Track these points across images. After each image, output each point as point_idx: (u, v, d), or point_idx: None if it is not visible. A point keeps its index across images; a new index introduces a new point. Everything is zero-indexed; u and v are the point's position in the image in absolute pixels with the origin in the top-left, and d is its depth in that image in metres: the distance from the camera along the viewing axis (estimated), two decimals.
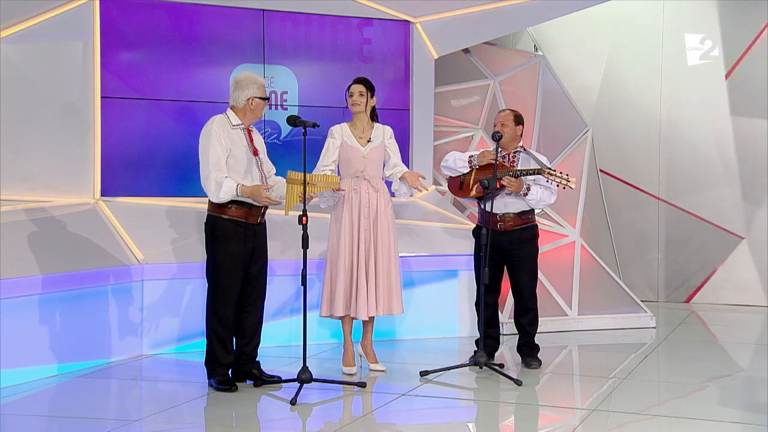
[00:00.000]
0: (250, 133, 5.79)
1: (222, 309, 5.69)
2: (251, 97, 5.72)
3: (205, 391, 5.65)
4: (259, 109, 5.77)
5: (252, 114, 5.77)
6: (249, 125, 5.80)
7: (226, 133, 5.65)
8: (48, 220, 6.50)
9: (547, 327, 7.53)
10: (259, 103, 5.75)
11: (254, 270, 5.77)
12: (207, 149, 5.61)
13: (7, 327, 5.66)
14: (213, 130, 5.62)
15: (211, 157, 5.58)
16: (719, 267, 9.61)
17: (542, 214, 8.20)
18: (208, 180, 5.58)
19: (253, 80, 5.78)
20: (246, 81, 5.76)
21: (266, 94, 5.84)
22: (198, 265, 6.77)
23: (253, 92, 5.73)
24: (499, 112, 6.50)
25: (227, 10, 7.53)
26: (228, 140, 5.64)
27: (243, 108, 5.74)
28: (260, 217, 5.75)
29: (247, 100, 5.72)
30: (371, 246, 6.11)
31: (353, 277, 6.08)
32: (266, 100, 5.81)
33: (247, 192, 5.57)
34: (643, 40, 9.83)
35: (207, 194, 5.65)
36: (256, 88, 5.75)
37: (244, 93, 5.73)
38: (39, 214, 6.52)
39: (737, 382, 6.34)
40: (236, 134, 5.71)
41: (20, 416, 5.15)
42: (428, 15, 8.26)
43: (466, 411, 5.64)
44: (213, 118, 5.74)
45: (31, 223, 6.37)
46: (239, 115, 5.75)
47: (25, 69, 6.71)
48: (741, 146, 9.50)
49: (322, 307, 6.18)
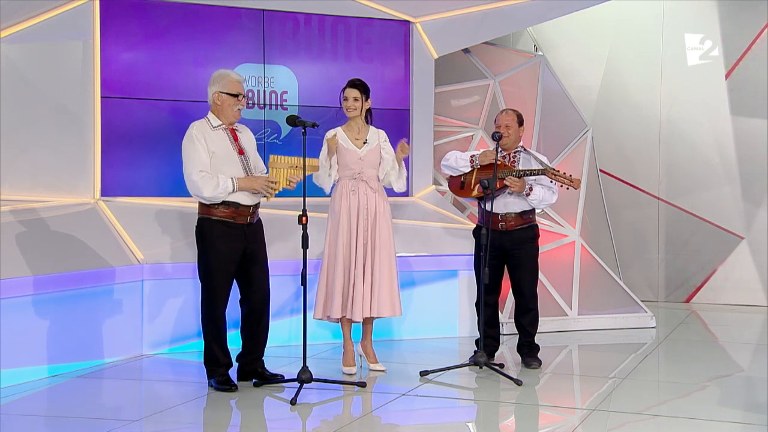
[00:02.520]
0: (234, 133, 5.69)
1: (215, 310, 5.67)
2: (216, 92, 5.60)
3: (204, 392, 5.65)
4: (227, 105, 5.59)
5: (222, 111, 5.61)
6: (230, 124, 5.68)
7: (206, 136, 5.57)
8: (48, 220, 6.50)
9: (547, 327, 7.53)
10: (226, 99, 5.58)
11: (255, 271, 5.74)
12: (189, 153, 5.54)
13: (6, 327, 5.66)
14: (193, 135, 5.55)
15: (196, 159, 5.50)
16: (719, 267, 9.62)
17: (542, 214, 8.20)
18: (195, 182, 5.49)
19: (223, 75, 5.65)
20: (216, 77, 5.65)
21: (238, 90, 5.63)
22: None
23: (219, 87, 5.60)
24: (501, 113, 6.49)
25: (227, 10, 7.53)
26: (209, 143, 5.56)
27: (214, 106, 5.64)
28: (249, 217, 5.67)
29: (213, 95, 5.61)
30: (369, 247, 6.10)
31: (350, 278, 6.07)
32: (235, 96, 5.61)
33: (244, 183, 5.53)
34: (643, 40, 9.83)
35: (193, 196, 5.60)
36: (223, 84, 5.60)
37: (212, 89, 5.63)
38: (39, 214, 6.52)
39: (737, 382, 6.34)
40: (217, 135, 5.62)
41: (20, 416, 5.15)
42: (428, 15, 8.26)
43: (466, 411, 5.64)
44: (192, 124, 5.65)
45: (31, 223, 6.37)
46: (216, 115, 5.65)
47: (25, 69, 6.72)
48: (741, 146, 9.50)
49: (316, 310, 6.14)
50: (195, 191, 5.55)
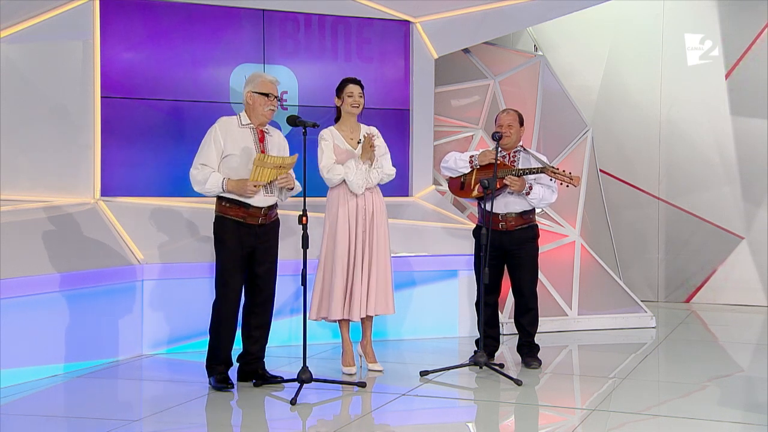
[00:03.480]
0: (261, 133, 5.73)
1: (223, 308, 5.69)
2: (249, 92, 5.68)
3: (205, 391, 5.65)
4: (258, 104, 5.66)
5: (254, 111, 5.69)
6: (259, 125, 5.72)
7: (228, 132, 5.63)
8: (48, 220, 6.50)
9: (547, 327, 7.53)
10: (258, 99, 5.66)
11: (260, 271, 5.74)
12: (202, 145, 5.66)
13: (7, 327, 5.66)
14: (214, 129, 5.67)
15: (202, 153, 5.62)
16: (719, 267, 9.62)
17: (542, 214, 8.20)
18: (191, 174, 5.62)
19: (257, 76, 5.76)
20: (250, 77, 5.76)
21: (269, 90, 5.69)
22: (198, 265, 6.78)
23: (252, 87, 5.69)
24: (502, 112, 6.48)
25: (227, 10, 7.53)
26: (228, 139, 5.62)
27: (246, 105, 5.72)
28: (261, 218, 5.69)
29: (246, 94, 5.70)
30: (368, 247, 6.09)
31: (349, 278, 6.07)
32: (266, 95, 5.67)
33: (232, 186, 5.56)
34: (643, 40, 9.83)
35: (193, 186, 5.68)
36: (256, 83, 5.69)
37: (246, 88, 5.73)
38: (39, 214, 6.52)
39: (737, 382, 6.34)
40: (242, 133, 5.67)
41: (20, 416, 5.15)
42: (428, 15, 8.26)
43: (466, 411, 5.64)
44: (220, 118, 5.76)
45: (31, 223, 6.37)
46: (248, 114, 5.72)
47: (25, 69, 6.71)
48: (741, 146, 9.50)
49: (312, 310, 6.10)
50: (191, 180, 5.67)
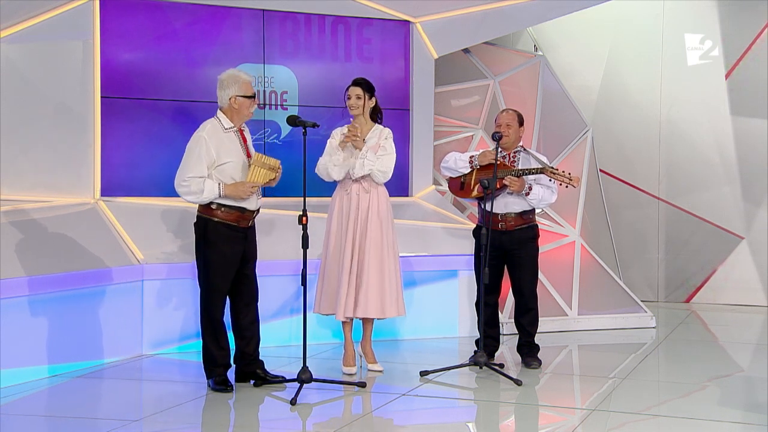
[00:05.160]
0: (243, 135, 5.70)
1: (215, 311, 5.67)
2: (233, 96, 5.59)
3: (204, 392, 5.65)
4: (244, 107, 5.61)
5: (238, 114, 5.63)
6: (241, 126, 5.69)
7: (217, 140, 5.55)
8: (48, 220, 6.50)
9: (547, 327, 7.53)
10: (243, 102, 5.60)
11: (247, 271, 5.76)
12: (191, 154, 5.52)
13: (6, 327, 5.66)
14: (203, 138, 5.52)
15: (192, 165, 5.48)
16: (719, 267, 9.61)
17: (542, 214, 8.19)
18: (184, 182, 5.48)
19: (236, 78, 5.62)
20: (228, 79, 5.62)
21: (252, 91, 5.66)
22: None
23: (235, 91, 5.59)
24: (502, 112, 6.48)
25: (227, 10, 7.53)
26: (220, 147, 5.54)
27: (228, 108, 5.63)
28: (251, 221, 5.72)
29: (230, 99, 5.60)
30: (357, 247, 6.05)
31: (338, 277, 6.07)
32: (251, 98, 5.63)
33: (230, 190, 5.51)
34: (643, 40, 9.83)
35: (179, 194, 5.56)
36: (239, 87, 5.60)
37: (227, 92, 5.60)
38: (39, 214, 6.52)
39: (737, 382, 6.34)
40: (229, 138, 5.61)
41: (19, 416, 5.15)
42: (428, 15, 8.26)
43: (466, 411, 5.64)
44: (205, 123, 5.64)
45: (31, 223, 6.37)
46: (228, 117, 5.64)
47: (25, 69, 6.71)
48: (741, 146, 9.50)
49: (314, 304, 6.22)
50: (181, 192, 5.54)
